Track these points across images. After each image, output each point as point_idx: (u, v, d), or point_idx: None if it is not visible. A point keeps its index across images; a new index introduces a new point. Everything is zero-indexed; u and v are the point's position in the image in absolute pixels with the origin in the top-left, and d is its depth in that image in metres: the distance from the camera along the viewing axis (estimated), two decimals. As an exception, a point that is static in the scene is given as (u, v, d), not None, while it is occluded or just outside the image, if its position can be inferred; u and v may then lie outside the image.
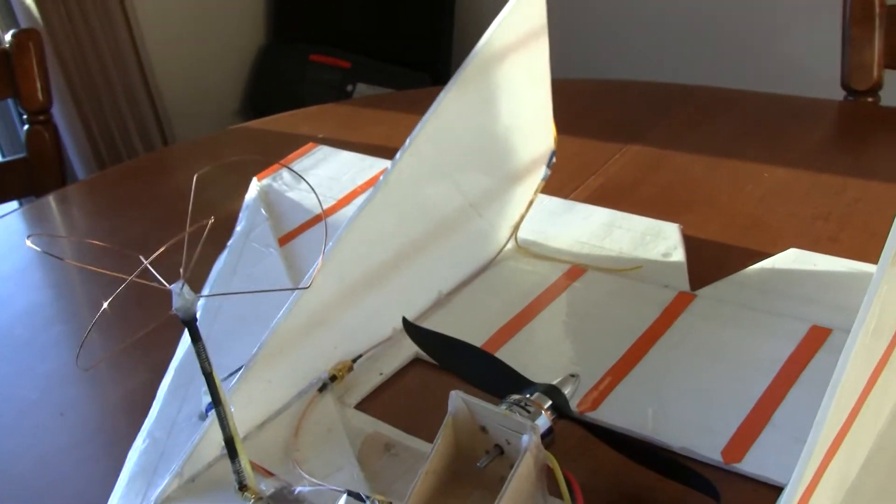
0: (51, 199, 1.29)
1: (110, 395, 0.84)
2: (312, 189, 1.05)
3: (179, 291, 0.52)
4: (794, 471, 0.49)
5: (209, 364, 0.56)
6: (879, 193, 1.00)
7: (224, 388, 0.58)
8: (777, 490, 0.63)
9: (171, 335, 0.85)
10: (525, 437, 0.58)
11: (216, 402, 0.58)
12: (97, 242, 0.57)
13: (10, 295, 1.03)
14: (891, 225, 0.54)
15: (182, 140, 2.63)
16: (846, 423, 0.55)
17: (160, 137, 2.56)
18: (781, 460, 0.64)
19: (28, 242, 0.58)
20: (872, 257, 0.85)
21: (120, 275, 0.51)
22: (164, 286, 0.52)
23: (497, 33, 0.81)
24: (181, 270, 0.53)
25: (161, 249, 0.51)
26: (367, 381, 0.77)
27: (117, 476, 0.69)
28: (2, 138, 2.42)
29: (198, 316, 0.55)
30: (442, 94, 0.79)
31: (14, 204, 1.69)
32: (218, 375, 0.57)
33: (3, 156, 2.40)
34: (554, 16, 0.88)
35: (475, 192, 0.87)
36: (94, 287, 1.02)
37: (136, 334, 0.54)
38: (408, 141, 0.78)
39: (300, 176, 1.07)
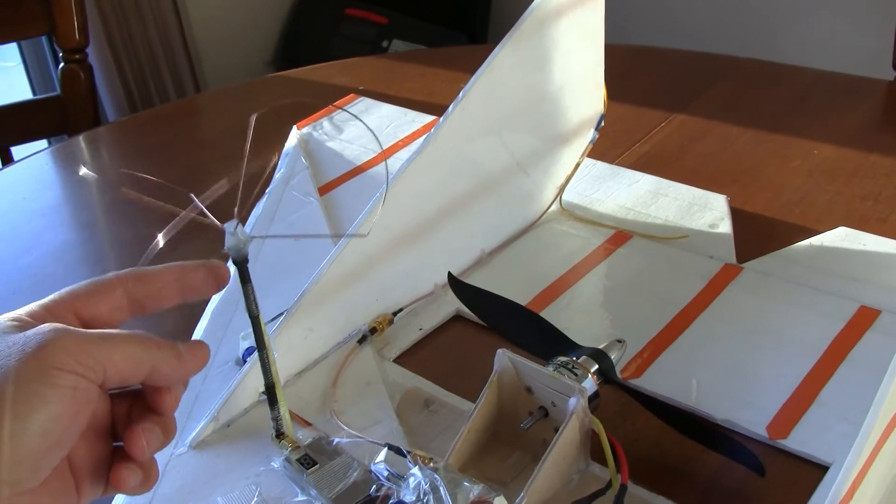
0: (81, 140, 1.28)
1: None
2: (371, 131, 1.04)
3: (233, 231, 0.51)
4: (851, 451, 0.48)
5: (256, 307, 0.55)
6: (931, 176, 0.98)
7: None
8: (822, 469, 0.62)
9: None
10: (572, 400, 0.57)
11: (260, 347, 0.57)
12: (149, 177, 0.56)
13: (42, 231, 1.03)
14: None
15: (215, 87, 2.62)
16: (902, 404, 0.54)
17: (192, 84, 2.55)
18: (828, 439, 0.63)
19: (83, 170, 0.57)
20: (925, 240, 0.83)
21: (178, 208, 0.50)
22: (217, 225, 0.51)
23: (555, -10, 0.80)
24: (235, 209, 0.52)
25: (218, 188, 0.50)
26: (407, 335, 0.76)
27: (150, 417, 0.69)
28: (34, 76, 2.41)
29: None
30: (496, 50, 0.78)
31: (44, 143, 1.69)
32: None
33: (35, 94, 2.39)
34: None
35: (523, 151, 0.85)
36: (124, 228, 1.01)
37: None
38: (460, 95, 0.76)
39: (357, 118, 1.06)
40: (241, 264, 0.53)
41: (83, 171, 0.57)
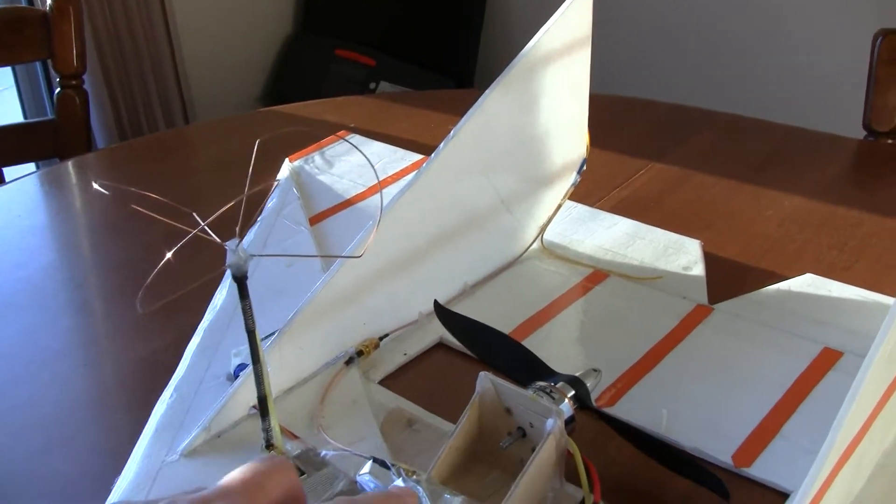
0: (70, 165, 1.30)
1: (133, 355, 0.85)
2: (368, 160, 1.07)
3: (234, 249, 0.55)
4: (808, 475, 0.51)
5: (253, 322, 0.58)
6: (894, 230, 1.03)
7: (260, 349, 0.60)
8: (784, 496, 0.65)
9: (192, 302, 0.87)
10: (550, 421, 0.60)
11: (255, 360, 0.60)
12: (156, 196, 0.59)
13: (37, 248, 1.06)
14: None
15: (205, 118, 2.65)
16: (856, 437, 0.58)
17: (182, 115, 2.59)
18: (790, 468, 0.66)
19: (95, 185, 0.60)
20: (885, 288, 0.88)
21: (184, 226, 0.53)
22: (219, 243, 0.54)
23: (545, 38, 0.84)
24: (237, 229, 0.55)
25: (224, 208, 0.54)
26: (392, 359, 0.79)
27: (139, 428, 0.71)
28: (26, 100, 2.44)
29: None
30: (487, 92, 0.82)
31: (32, 167, 1.71)
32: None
33: (26, 117, 2.42)
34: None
35: (508, 190, 0.89)
36: (115, 250, 1.04)
37: (187, 286, 0.56)
38: (451, 133, 0.80)
39: (355, 147, 1.10)
40: (241, 281, 0.56)
41: (96, 185, 0.60)
